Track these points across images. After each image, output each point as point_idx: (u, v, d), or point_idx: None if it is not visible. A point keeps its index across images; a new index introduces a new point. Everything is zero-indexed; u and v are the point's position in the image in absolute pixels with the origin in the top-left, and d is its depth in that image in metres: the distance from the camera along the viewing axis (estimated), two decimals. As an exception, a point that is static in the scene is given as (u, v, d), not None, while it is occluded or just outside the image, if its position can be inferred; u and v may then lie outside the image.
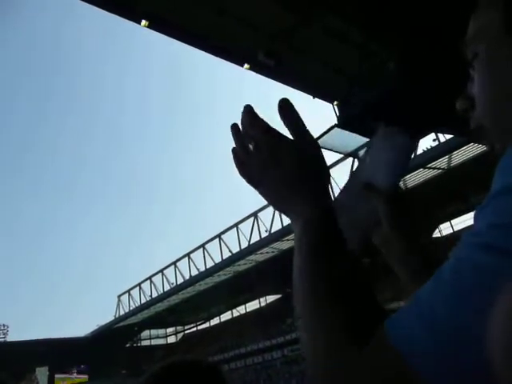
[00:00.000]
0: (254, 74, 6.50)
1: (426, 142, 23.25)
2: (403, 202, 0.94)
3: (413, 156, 23.41)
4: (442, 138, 21.98)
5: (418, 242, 0.99)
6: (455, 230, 34.86)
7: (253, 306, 49.82)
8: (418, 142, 18.87)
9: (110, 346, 47.57)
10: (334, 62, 6.23)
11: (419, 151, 23.32)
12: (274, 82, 6.82)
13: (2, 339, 47.36)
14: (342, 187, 0.93)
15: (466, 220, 34.16)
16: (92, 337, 48.89)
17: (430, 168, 24.27)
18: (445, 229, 35.94)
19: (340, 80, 6.11)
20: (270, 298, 48.56)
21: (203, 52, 6.27)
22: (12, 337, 48.43)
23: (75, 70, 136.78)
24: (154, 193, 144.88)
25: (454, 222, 35.04)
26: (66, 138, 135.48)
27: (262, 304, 49.23)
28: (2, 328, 47.72)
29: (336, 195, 0.89)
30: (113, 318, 48.22)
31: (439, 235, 36.25)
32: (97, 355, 46.03)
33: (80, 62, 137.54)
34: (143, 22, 5.52)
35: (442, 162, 23.98)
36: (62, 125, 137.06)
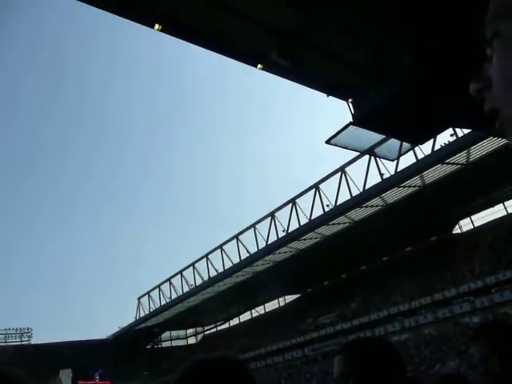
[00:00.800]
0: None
1: (444, 137, 22.95)
2: None
3: (430, 152, 23.13)
4: (460, 132, 21.64)
5: None
6: (476, 225, 34.24)
7: (272, 306, 49.81)
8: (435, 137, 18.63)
9: (131, 347, 48.13)
10: (348, 59, 6.18)
11: (437, 146, 23.05)
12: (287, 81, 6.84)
13: (27, 342, 48.35)
14: None
15: (486, 215, 33.53)
16: (114, 339, 49.52)
17: (448, 163, 23.93)
18: (465, 225, 35.34)
19: (354, 77, 6.07)
20: (289, 298, 48.48)
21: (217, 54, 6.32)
22: (36, 339, 49.28)
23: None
24: (169, 196, 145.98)
25: (474, 217, 34.40)
26: (77, 137, 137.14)
27: (281, 304, 49.19)
28: (27, 331, 48.74)
29: None
30: (133, 319, 48.78)
31: (459, 231, 35.66)
32: (118, 357, 46.62)
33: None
34: (156, 26, 5.57)
35: (461, 157, 23.62)
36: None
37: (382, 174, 25.53)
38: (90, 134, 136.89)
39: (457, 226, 35.87)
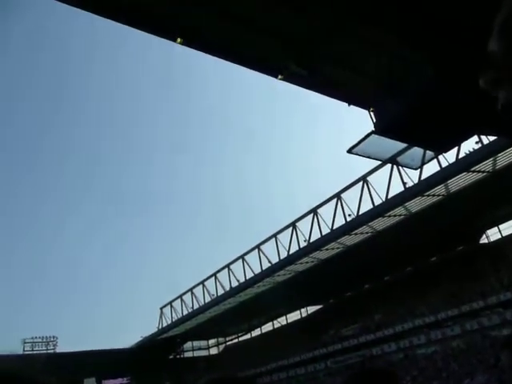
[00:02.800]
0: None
1: (469, 145, 22.49)
2: None
3: (455, 160, 22.70)
4: (486, 140, 21.18)
5: None
6: (504, 235, 33.30)
7: (294, 317, 49.38)
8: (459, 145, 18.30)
9: (153, 357, 48.32)
10: (368, 68, 6.15)
11: (462, 154, 22.62)
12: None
13: (52, 350, 49.09)
14: None
15: (515, 225, 32.60)
16: (136, 348, 49.84)
17: (473, 171, 23.41)
18: (492, 234, 34.40)
19: (375, 86, 6.03)
20: (311, 309, 47.99)
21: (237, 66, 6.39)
22: (61, 348, 49.92)
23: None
24: (192, 207, 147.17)
25: (501, 227, 33.47)
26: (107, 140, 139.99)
27: (303, 315, 48.71)
28: (52, 339, 49.50)
29: None
30: (156, 329, 49.03)
31: (486, 241, 34.74)
32: (141, 366, 46.86)
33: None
34: (178, 40, 5.67)
35: (487, 165, 23.07)
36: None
37: (404, 183, 25.15)
38: (120, 140, 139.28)
39: (484, 236, 34.97)
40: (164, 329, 47.45)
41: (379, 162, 24.70)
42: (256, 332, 53.35)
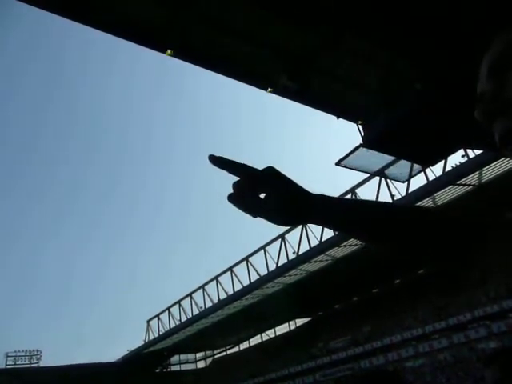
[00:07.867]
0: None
1: (455, 159, 22.86)
2: None
3: (441, 173, 22.99)
4: (471, 153, 21.52)
5: None
6: (490, 248, 33.59)
7: (282, 329, 49.02)
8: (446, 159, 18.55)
9: (140, 371, 47.48)
10: (358, 82, 6.22)
11: (448, 168, 22.91)
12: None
13: (36, 364, 48.00)
14: None
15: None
16: (122, 362, 48.95)
17: (459, 185, 23.70)
18: (479, 247, 34.65)
19: (364, 99, 6.10)
20: (300, 321, 47.71)
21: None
22: (45, 362, 48.84)
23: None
24: (179, 220, 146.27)
25: (488, 239, 33.76)
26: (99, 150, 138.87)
27: (292, 327, 48.40)
28: (35, 353, 48.43)
29: None
30: (142, 342, 48.25)
31: (473, 253, 34.99)
32: (127, 380, 45.97)
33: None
34: (168, 52, 5.68)
35: (473, 178, 23.39)
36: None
37: (392, 196, 25.35)
38: (111, 149, 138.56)
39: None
40: (151, 342, 46.70)
41: (368, 175, 24.92)
42: (244, 345, 52.82)
